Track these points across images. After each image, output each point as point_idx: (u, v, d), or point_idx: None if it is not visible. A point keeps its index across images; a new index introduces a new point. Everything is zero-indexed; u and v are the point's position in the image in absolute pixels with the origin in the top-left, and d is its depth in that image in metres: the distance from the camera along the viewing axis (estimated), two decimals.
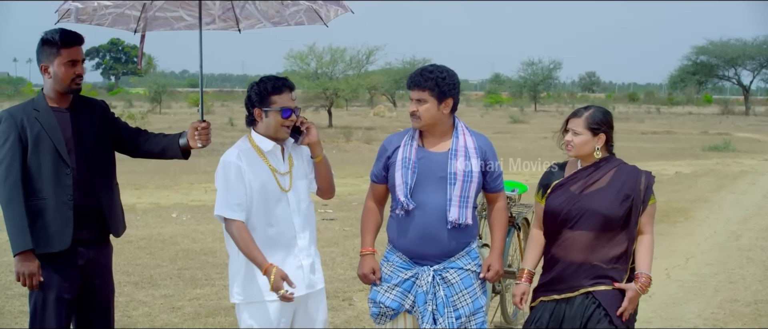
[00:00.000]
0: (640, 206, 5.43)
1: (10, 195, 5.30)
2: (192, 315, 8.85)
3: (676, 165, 26.37)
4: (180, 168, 21.72)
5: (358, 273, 5.79)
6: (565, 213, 5.51)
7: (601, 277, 5.42)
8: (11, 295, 9.31)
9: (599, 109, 5.60)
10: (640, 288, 5.38)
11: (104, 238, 5.79)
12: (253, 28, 6.57)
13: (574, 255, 5.47)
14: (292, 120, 5.38)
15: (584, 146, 5.49)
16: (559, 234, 5.58)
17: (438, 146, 5.58)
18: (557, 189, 5.64)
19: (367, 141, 34.74)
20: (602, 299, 5.39)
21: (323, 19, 6.32)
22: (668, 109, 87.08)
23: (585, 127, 5.48)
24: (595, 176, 5.51)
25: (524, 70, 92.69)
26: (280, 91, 5.34)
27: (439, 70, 5.48)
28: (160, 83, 71.34)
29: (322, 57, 53.36)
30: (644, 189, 5.43)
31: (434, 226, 5.48)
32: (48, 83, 5.52)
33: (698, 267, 11.74)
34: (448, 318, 5.46)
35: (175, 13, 6.19)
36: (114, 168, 5.87)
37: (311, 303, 5.56)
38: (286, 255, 5.42)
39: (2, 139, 5.37)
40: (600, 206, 5.40)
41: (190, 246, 12.57)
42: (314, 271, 5.54)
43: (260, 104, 5.38)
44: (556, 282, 5.58)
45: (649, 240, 5.48)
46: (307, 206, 5.55)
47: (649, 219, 5.49)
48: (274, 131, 5.39)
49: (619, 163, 5.57)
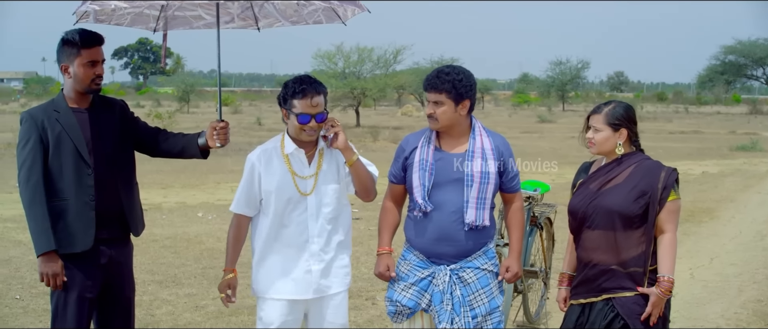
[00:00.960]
0: (657, 204, 5.30)
1: (32, 197, 5.32)
2: (215, 314, 8.86)
3: (703, 165, 26.21)
4: (207, 168, 21.74)
5: (374, 271, 5.80)
6: (582, 212, 5.47)
7: (620, 281, 5.35)
8: (35, 294, 9.36)
9: (620, 104, 5.51)
10: (663, 292, 5.26)
11: (125, 237, 5.81)
12: (272, 26, 6.56)
13: (593, 256, 5.43)
14: (312, 126, 5.35)
15: (606, 143, 5.44)
16: (580, 234, 5.55)
17: (455, 147, 5.57)
18: (579, 188, 5.61)
19: (394, 140, 34.66)
20: (621, 307, 5.33)
21: (341, 18, 6.30)
22: (696, 108, 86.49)
23: (605, 123, 5.42)
24: (614, 173, 5.44)
25: (552, 70, 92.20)
26: (303, 95, 5.29)
27: (455, 72, 5.45)
28: (188, 82, 71.50)
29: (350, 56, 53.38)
30: (662, 186, 5.29)
31: (451, 227, 5.48)
32: (68, 83, 5.54)
33: (722, 267, 11.66)
34: (465, 317, 5.45)
35: (194, 12, 6.19)
36: (134, 167, 5.88)
37: (326, 307, 5.57)
38: (297, 258, 5.46)
39: (23, 141, 5.40)
40: (613, 203, 5.33)
41: (215, 245, 12.59)
42: (328, 276, 5.54)
43: (284, 105, 5.39)
44: (581, 285, 5.56)
45: (669, 239, 5.32)
46: (334, 210, 5.51)
47: (669, 217, 5.32)
48: (295, 134, 5.42)
49: (641, 158, 5.47)
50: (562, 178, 20.88)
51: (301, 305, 5.53)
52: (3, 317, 8.61)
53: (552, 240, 9.13)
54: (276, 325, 5.47)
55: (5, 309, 8.90)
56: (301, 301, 5.51)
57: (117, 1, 5.75)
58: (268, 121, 48.93)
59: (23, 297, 9.31)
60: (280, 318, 5.47)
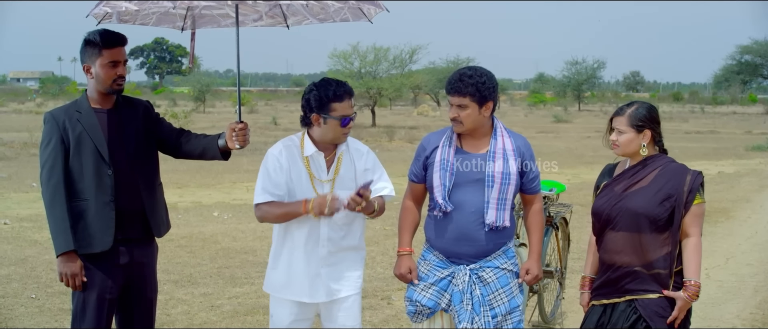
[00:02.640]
0: (683, 207, 5.28)
1: (52, 197, 5.34)
2: (231, 314, 8.87)
3: (718, 165, 26.10)
4: (223, 167, 21.78)
5: (394, 272, 5.78)
6: (606, 214, 5.46)
7: (644, 283, 5.34)
8: (51, 293, 9.39)
9: (643, 105, 5.49)
10: (690, 296, 5.27)
11: (148, 238, 5.80)
12: (301, 24, 6.56)
13: (616, 258, 5.42)
14: (350, 127, 5.39)
15: (630, 144, 5.42)
16: (603, 236, 5.53)
17: (476, 147, 5.56)
18: (604, 190, 5.60)
19: (410, 140, 34.69)
20: (644, 309, 5.32)
21: (367, 16, 6.29)
22: (712, 108, 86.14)
23: (629, 125, 5.40)
24: (640, 175, 5.43)
25: (568, 70, 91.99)
26: (341, 98, 5.31)
27: (478, 75, 5.43)
28: (203, 82, 71.52)
29: (366, 56, 53.32)
30: (688, 190, 5.27)
31: (471, 227, 5.47)
32: (90, 84, 5.55)
33: (738, 267, 11.62)
34: (485, 316, 5.44)
35: (222, 11, 6.18)
36: (157, 168, 5.88)
37: (337, 310, 5.57)
38: (307, 260, 5.46)
39: (45, 141, 5.42)
40: (638, 206, 5.31)
41: (231, 244, 12.63)
42: (338, 281, 5.53)
43: (319, 110, 5.32)
44: (603, 286, 5.54)
45: (694, 243, 5.32)
46: (347, 216, 5.46)
47: (694, 220, 5.32)
48: (333, 138, 5.40)
49: (667, 161, 5.46)
50: (577, 178, 20.89)
51: (312, 307, 5.54)
52: (19, 316, 8.64)
53: (568, 240, 9.11)
54: (286, 325, 5.49)
55: (21, 308, 8.93)
56: (311, 304, 5.51)
57: (127, 2, 5.75)
58: (284, 120, 49.01)
59: (39, 297, 9.34)
60: (290, 317, 5.50)
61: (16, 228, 13.47)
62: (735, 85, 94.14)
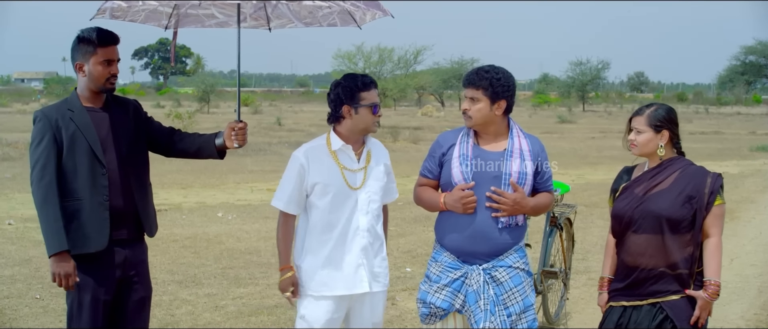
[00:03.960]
0: (704, 209, 5.35)
1: (45, 196, 5.28)
2: (235, 314, 8.87)
3: (723, 166, 26.00)
4: (227, 168, 21.75)
5: (446, 200, 5.57)
6: (628, 217, 5.49)
7: (667, 284, 5.39)
8: (55, 294, 9.39)
9: (662, 106, 5.55)
10: (710, 296, 5.33)
11: (139, 238, 5.78)
12: (284, 27, 6.54)
13: (639, 260, 5.45)
14: (380, 114, 5.53)
15: (648, 144, 5.47)
16: (624, 238, 5.56)
17: (493, 146, 5.58)
18: (623, 192, 5.63)
19: (414, 141, 34.67)
20: (670, 310, 5.37)
21: (357, 22, 6.28)
22: (717, 109, 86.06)
23: (647, 125, 5.46)
24: (659, 177, 5.48)
25: (572, 70, 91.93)
26: (369, 87, 5.42)
27: (495, 71, 5.48)
28: (208, 83, 71.50)
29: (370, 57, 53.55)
30: (709, 192, 5.36)
31: (486, 225, 5.48)
32: (82, 82, 5.52)
33: (742, 267, 11.64)
34: (500, 316, 5.44)
35: (207, 11, 6.18)
36: (147, 168, 5.84)
37: (366, 305, 5.61)
38: (347, 253, 5.49)
39: (37, 140, 5.36)
40: (661, 208, 5.36)
41: (235, 245, 12.62)
42: (374, 271, 5.60)
43: (350, 101, 5.40)
44: (625, 288, 5.58)
45: (715, 243, 5.41)
46: (378, 207, 5.59)
47: (715, 221, 5.41)
48: (364, 127, 5.48)
49: (686, 164, 5.52)
50: (581, 179, 20.89)
51: (346, 302, 5.55)
52: (23, 316, 8.65)
53: (572, 241, 9.11)
54: (320, 324, 5.46)
55: (25, 308, 8.94)
56: (347, 298, 5.52)
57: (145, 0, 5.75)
58: (288, 121, 48.96)
59: (43, 297, 9.35)
60: (326, 315, 5.47)
61: (21, 229, 13.49)
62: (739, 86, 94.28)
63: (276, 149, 26.72)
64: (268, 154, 25.40)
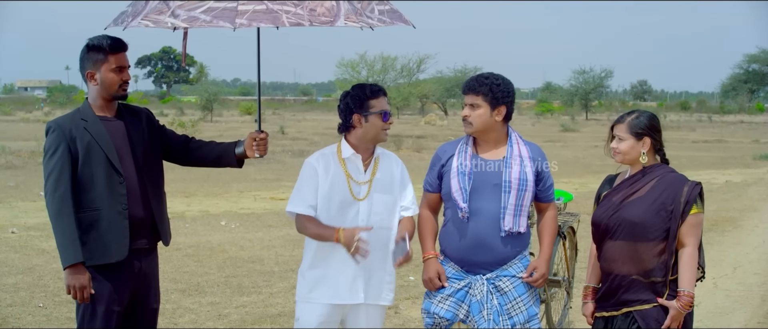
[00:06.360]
0: (679, 218, 5.31)
1: (59, 208, 5.24)
2: (238, 323, 8.87)
3: (726, 174, 26.04)
4: (230, 177, 21.77)
5: (422, 278, 5.75)
6: (604, 224, 5.51)
7: (639, 292, 5.38)
8: (58, 302, 9.39)
9: (643, 113, 5.55)
10: (682, 307, 5.30)
11: (153, 247, 5.76)
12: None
13: (614, 267, 5.46)
14: (391, 122, 5.59)
15: (630, 152, 5.47)
16: (603, 245, 5.57)
17: (492, 154, 5.61)
18: (603, 200, 5.65)
19: (418, 149, 34.63)
20: (641, 320, 5.37)
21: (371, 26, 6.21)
22: (720, 117, 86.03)
23: (629, 132, 5.46)
24: (638, 185, 5.47)
25: (575, 79, 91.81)
26: (378, 95, 5.50)
27: (494, 77, 5.54)
28: (211, 91, 71.45)
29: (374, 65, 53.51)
30: (685, 201, 5.30)
31: (488, 234, 5.50)
32: (93, 91, 5.49)
33: (745, 276, 11.62)
34: (504, 325, 5.46)
35: None
36: (162, 176, 5.84)
37: (364, 315, 5.61)
38: (344, 262, 5.45)
39: (51, 150, 5.32)
40: (634, 215, 5.36)
41: (238, 253, 12.62)
42: (373, 285, 5.58)
43: (359, 109, 5.46)
44: (604, 297, 5.60)
45: (689, 253, 5.34)
46: (383, 219, 5.56)
47: (690, 230, 5.33)
48: (374, 135, 5.53)
49: (665, 171, 5.49)
50: (584, 187, 20.86)
51: (340, 310, 5.56)
52: (26, 325, 8.65)
53: (575, 250, 9.11)
54: (314, 325, 5.50)
55: (28, 317, 8.93)
56: (340, 307, 5.54)
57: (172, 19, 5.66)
58: (291, 129, 48.94)
59: (46, 306, 9.34)
60: (318, 319, 5.50)
61: (24, 237, 13.47)
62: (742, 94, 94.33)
63: (279, 158, 26.66)
64: (271, 162, 25.32)
